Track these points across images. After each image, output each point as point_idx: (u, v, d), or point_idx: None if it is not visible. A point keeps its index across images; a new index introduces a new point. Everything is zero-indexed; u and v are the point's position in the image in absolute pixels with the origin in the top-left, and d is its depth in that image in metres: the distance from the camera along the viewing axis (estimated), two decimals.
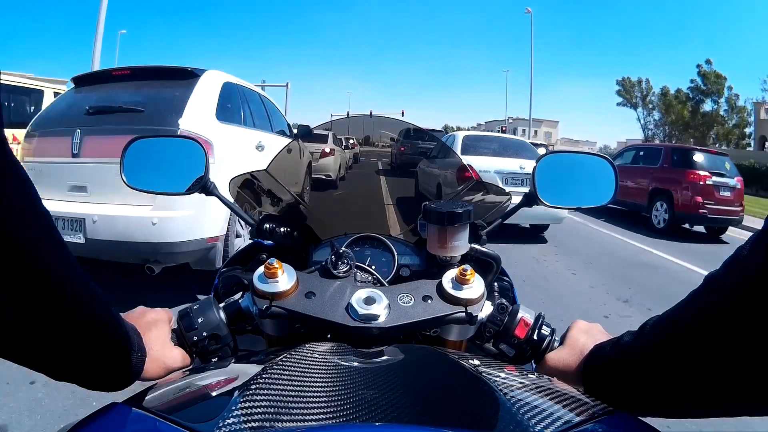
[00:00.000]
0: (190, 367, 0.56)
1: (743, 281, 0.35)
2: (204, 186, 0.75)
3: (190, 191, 0.76)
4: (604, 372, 0.48)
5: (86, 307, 0.39)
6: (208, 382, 0.48)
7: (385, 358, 0.50)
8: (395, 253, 0.78)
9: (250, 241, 0.84)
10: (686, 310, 0.40)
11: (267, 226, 0.77)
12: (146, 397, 0.43)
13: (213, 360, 0.57)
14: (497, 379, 0.44)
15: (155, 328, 0.53)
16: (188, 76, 3.10)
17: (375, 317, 0.54)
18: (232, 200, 0.80)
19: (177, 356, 0.53)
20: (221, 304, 0.59)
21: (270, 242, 0.81)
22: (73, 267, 0.38)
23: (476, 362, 0.49)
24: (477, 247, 0.71)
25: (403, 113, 34.91)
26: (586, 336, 0.56)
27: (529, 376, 0.49)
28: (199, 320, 0.57)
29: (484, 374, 0.45)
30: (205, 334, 0.56)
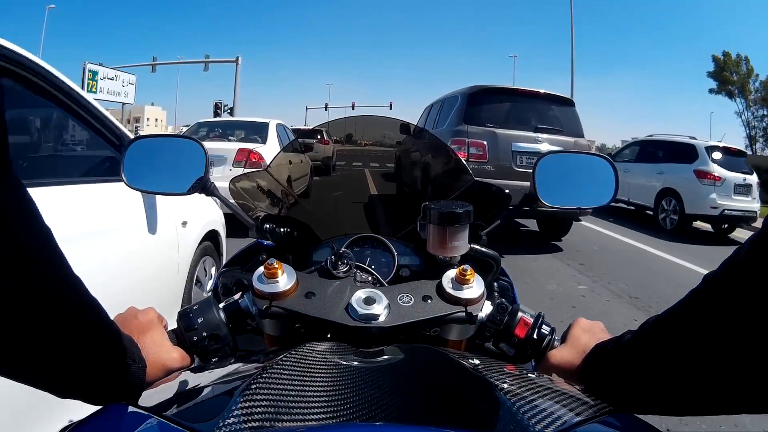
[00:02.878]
0: (191, 367, 0.56)
1: (742, 282, 0.35)
2: (204, 186, 0.75)
3: (190, 191, 0.76)
4: (604, 370, 0.49)
5: (89, 322, 0.39)
6: (208, 382, 0.48)
7: (385, 357, 0.50)
8: (395, 254, 0.78)
9: (252, 241, 0.84)
10: (685, 310, 0.40)
11: (267, 226, 0.77)
12: (146, 397, 0.43)
13: (213, 360, 0.57)
14: (497, 378, 0.44)
15: (150, 331, 0.53)
16: None
17: (375, 317, 0.54)
18: (231, 200, 0.80)
19: (176, 357, 0.53)
20: (221, 304, 0.59)
21: (270, 242, 0.81)
22: (76, 282, 0.38)
23: (476, 362, 0.49)
24: (477, 247, 0.71)
25: (391, 105, 33.22)
26: (588, 335, 0.56)
27: (530, 375, 0.49)
28: (199, 320, 0.56)
29: (484, 374, 0.45)
30: (204, 334, 0.56)
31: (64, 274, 0.37)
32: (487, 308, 0.60)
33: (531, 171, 0.75)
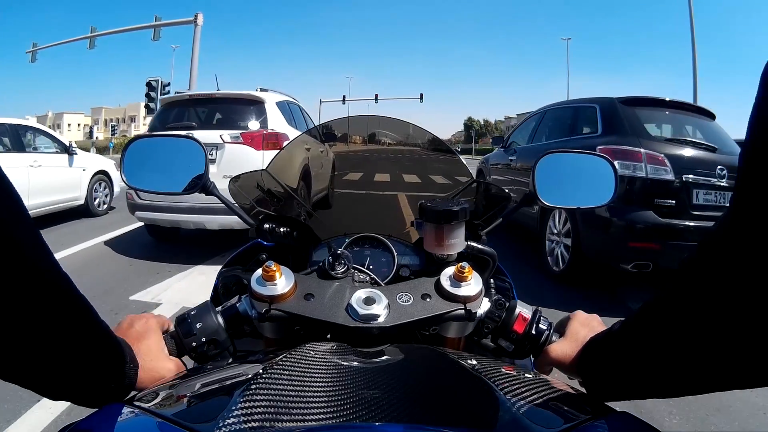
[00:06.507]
0: (190, 369, 0.56)
1: (714, 261, 0.35)
2: (204, 185, 0.75)
3: (190, 190, 0.76)
4: (598, 361, 0.49)
5: (79, 321, 0.39)
6: (208, 382, 0.48)
7: (385, 357, 0.50)
8: (395, 253, 0.78)
9: (252, 240, 0.84)
10: (668, 294, 0.41)
11: (267, 226, 0.77)
12: (146, 397, 0.43)
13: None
14: (497, 378, 0.44)
15: (145, 339, 0.52)
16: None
17: (375, 317, 0.54)
18: (231, 200, 0.80)
19: (171, 368, 0.52)
20: (218, 309, 0.59)
21: (270, 242, 0.81)
22: (64, 280, 0.37)
23: (476, 362, 0.49)
24: (473, 244, 0.72)
25: (422, 97, 30.79)
26: (586, 329, 0.57)
27: (528, 375, 0.49)
28: (197, 326, 0.56)
29: (483, 374, 0.45)
30: (203, 339, 0.56)
31: (53, 274, 0.36)
32: (485, 305, 0.60)
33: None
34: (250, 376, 0.41)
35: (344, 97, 30.75)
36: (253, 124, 4.18)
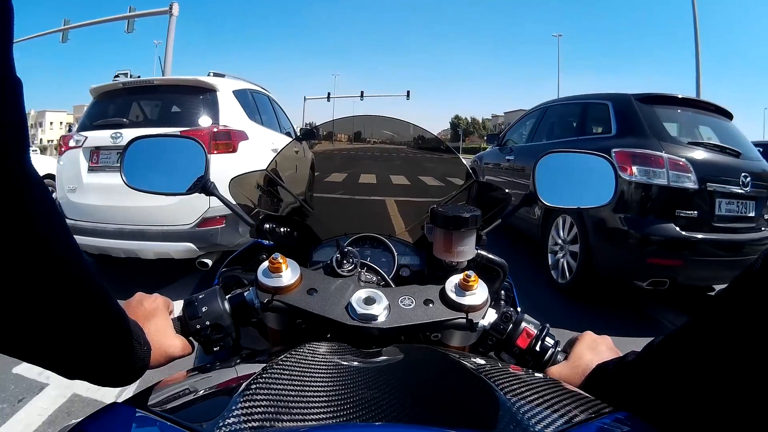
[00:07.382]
0: (192, 363, 0.57)
1: (758, 295, 0.33)
2: (204, 186, 0.75)
3: (190, 191, 0.76)
4: (606, 392, 0.47)
5: (98, 304, 0.40)
6: (208, 382, 0.48)
7: (384, 357, 0.50)
8: (395, 254, 0.78)
9: (252, 241, 0.84)
10: (695, 330, 0.38)
11: (267, 226, 0.77)
12: (147, 397, 0.43)
13: (215, 350, 0.58)
14: (497, 378, 0.44)
15: (155, 317, 0.54)
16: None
17: (374, 317, 0.54)
18: (232, 200, 0.80)
19: (178, 345, 0.55)
20: (227, 296, 0.60)
21: (270, 243, 0.81)
22: (85, 265, 0.38)
23: (478, 361, 0.49)
24: (483, 253, 0.71)
25: (408, 94, 29.73)
26: (592, 353, 0.54)
27: (533, 375, 0.49)
28: (203, 309, 0.57)
29: (484, 374, 0.45)
30: (208, 323, 0.57)
31: (74, 254, 0.37)
32: (490, 316, 0.59)
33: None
34: (250, 376, 0.41)
35: (329, 94, 29.75)
36: (202, 119, 3.16)
